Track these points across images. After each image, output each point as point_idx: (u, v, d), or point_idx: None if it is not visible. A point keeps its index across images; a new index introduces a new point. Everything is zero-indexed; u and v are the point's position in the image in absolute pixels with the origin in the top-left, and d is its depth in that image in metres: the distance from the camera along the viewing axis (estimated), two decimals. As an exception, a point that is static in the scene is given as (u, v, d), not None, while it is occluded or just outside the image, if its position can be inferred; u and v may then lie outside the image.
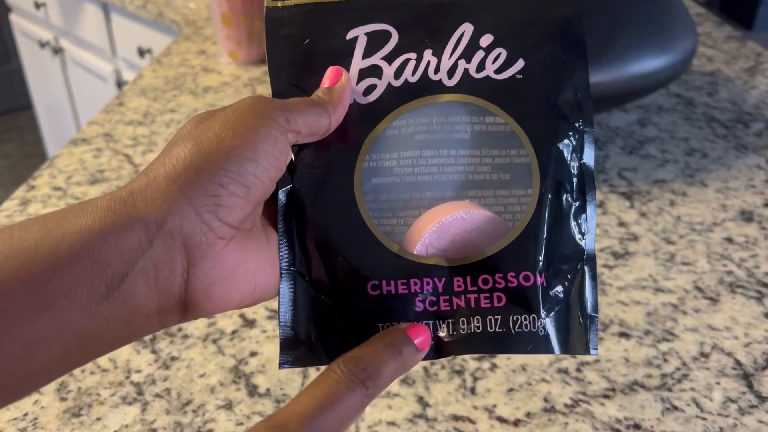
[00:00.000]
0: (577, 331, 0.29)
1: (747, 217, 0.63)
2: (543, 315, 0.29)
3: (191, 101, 0.89)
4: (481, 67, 0.30)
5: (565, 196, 0.30)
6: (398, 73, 0.31)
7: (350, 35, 0.31)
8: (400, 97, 0.30)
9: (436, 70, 0.31)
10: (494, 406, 0.44)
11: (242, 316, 0.52)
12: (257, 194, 0.26)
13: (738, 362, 0.47)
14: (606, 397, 0.45)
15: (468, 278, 0.29)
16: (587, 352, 0.29)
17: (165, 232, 0.24)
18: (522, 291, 0.28)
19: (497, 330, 0.28)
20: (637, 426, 0.43)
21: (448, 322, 0.29)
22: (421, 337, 0.28)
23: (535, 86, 0.30)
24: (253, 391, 0.45)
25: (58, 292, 0.22)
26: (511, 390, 0.45)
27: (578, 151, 0.31)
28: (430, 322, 0.29)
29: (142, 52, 1.44)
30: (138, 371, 0.47)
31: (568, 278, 0.30)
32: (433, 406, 0.44)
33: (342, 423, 0.25)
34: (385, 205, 0.30)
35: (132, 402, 0.45)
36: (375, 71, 0.31)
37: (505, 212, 0.30)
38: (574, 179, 0.30)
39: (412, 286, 0.29)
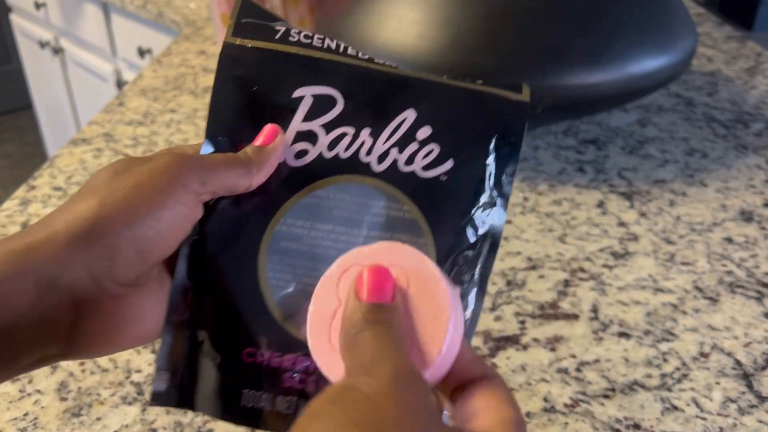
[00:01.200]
0: None
1: (747, 217, 0.63)
2: None
3: (191, 101, 0.89)
4: (410, 160, 0.31)
5: None
6: (332, 145, 0.31)
7: (297, 93, 0.31)
8: (328, 169, 0.31)
9: (368, 152, 0.31)
10: (494, 406, 0.44)
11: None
12: (153, 258, 0.27)
13: (738, 362, 0.47)
14: (606, 397, 0.45)
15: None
16: None
17: (55, 289, 0.25)
18: None
19: None
20: (636, 426, 0.43)
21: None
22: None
23: (456, 192, 0.31)
24: (253, 391, 0.45)
25: None
26: (510, 390, 0.45)
27: (479, 259, 0.31)
28: (294, 398, 0.29)
29: (142, 52, 1.44)
30: (138, 371, 0.47)
31: None
32: (433, 406, 0.44)
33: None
34: (288, 270, 0.30)
35: (132, 402, 0.45)
36: (311, 137, 0.31)
37: None
38: (465, 286, 0.31)
39: (285, 361, 0.29)
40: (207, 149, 0.30)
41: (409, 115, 0.31)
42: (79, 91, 1.87)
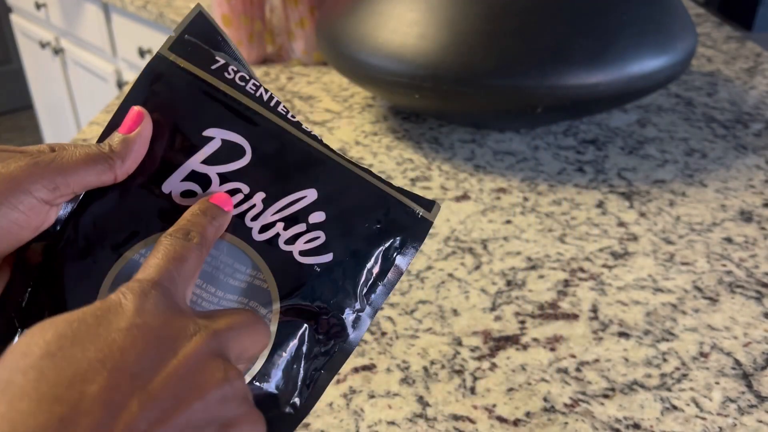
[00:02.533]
0: None
1: (746, 217, 0.64)
2: None
3: (192, 101, 0.89)
4: (292, 240, 0.30)
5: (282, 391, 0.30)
6: None
7: (208, 132, 0.29)
8: None
9: (254, 218, 0.30)
10: (494, 405, 0.44)
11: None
12: None
13: (737, 362, 0.47)
14: (606, 396, 0.45)
15: None
16: None
17: None
18: None
19: None
20: (636, 426, 0.43)
21: None
22: (223, 198, 0.29)
23: (324, 288, 0.30)
24: (253, 390, 0.46)
25: None
26: (510, 390, 0.45)
27: (325, 363, 0.30)
28: None
29: (142, 53, 1.44)
30: (138, 371, 0.47)
31: None
32: (433, 405, 0.44)
33: (191, 274, 0.26)
34: None
35: (132, 402, 0.45)
36: (203, 181, 0.29)
37: None
38: (298, 380, 0.30)
39: None
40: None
41: (309, 195, 0.30)
42: (79, 91, 1.87)
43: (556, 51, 0.63)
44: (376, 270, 0.31)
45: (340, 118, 0.84)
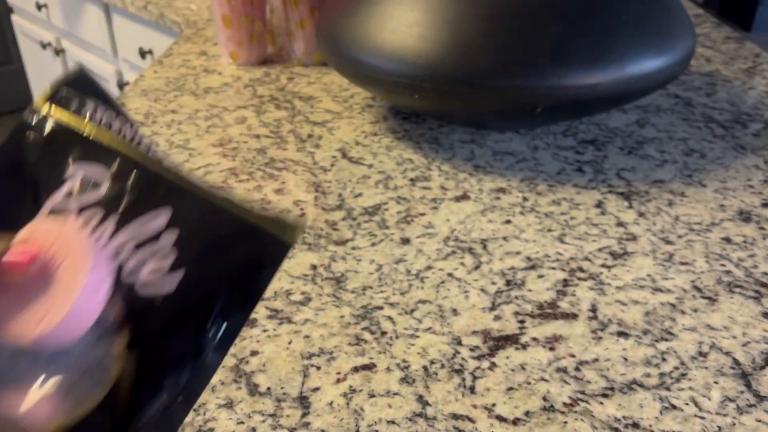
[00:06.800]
0: None
1: (745, 217, 0.64)
2: None
3: (192, 102, 0.89)
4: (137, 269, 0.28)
5: None
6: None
7: (71, 170, 0.29)
8: None
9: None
10: (493, 405, 0.44)
11: (243, 315, 0.52)
12: None
13: (736, 362, 0.48)
14: (605, 396, 0.45)
15: None
16: None
17: None
18: None
19: None
20: (635, 425, 0.43)
21: None
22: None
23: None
24: (254, 390, 0.46)
25: None
26: (510, 389, 0.45)
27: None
28: None
29: (143, 53, 1.44)
30: (139, 370, 0.48)
31: None
32: (432, 405, 0.44)
33: None
34: None
35: (133, 401, 0.45)
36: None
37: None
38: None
39: None
40: None
41: (163, 215, 0.28)
42: (80, 91, 1.87)
43: (556, 51, 0.63)
44: (226, 300, 0.29)
45: (340, 118, 0.84)
